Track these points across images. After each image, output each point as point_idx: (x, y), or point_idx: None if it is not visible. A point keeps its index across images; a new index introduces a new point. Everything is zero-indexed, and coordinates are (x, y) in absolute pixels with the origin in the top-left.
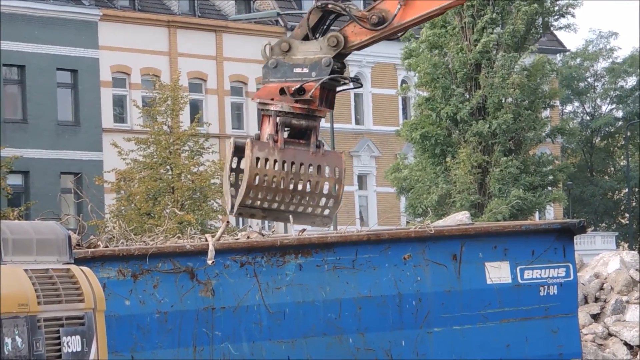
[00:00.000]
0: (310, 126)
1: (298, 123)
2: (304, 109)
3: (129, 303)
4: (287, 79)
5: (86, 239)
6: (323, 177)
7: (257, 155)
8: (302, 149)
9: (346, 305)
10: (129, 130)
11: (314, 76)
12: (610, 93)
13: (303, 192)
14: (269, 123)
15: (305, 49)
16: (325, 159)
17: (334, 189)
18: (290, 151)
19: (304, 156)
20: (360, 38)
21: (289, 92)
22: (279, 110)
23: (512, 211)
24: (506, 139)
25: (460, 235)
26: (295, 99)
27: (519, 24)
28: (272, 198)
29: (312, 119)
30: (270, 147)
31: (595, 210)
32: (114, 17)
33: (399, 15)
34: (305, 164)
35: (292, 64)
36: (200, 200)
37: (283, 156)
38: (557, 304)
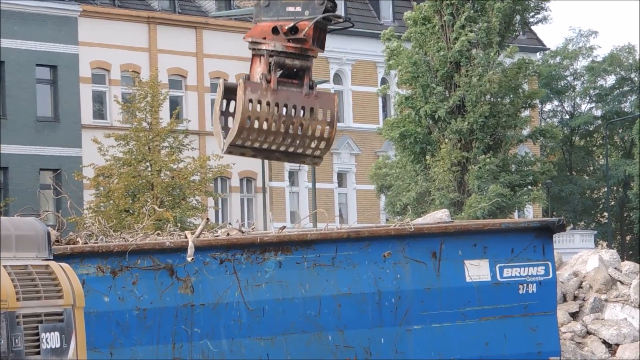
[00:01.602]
0: (304, 66)
1: (292, 63)
2: (297, 48)
3: (108, 300)
4: (279, 18)
5: (65, 236)
6: (316, 120)
7: (250, 96)
8: (295, 90)
9: (326, 303)
10: (109, 127)
11: (308, 15)
12: (590, 92)
13: (295, 134)
14: (259, 63)
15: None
16: (318, 101)
17: (326, 132)
18: (284, 92)
19: (297, 98)
20: None
21: (282, 30)
22: (271, 49)
23: (491, 209)
24: (485, 135)
25: (440, 233)
26: (288, 38)
27: (494, 21)
28: (264, 139)
29: (305, 59)
30: (264, 88)
31: (574, 209)
32: (93, 13)
33: None
34: (298, 106)
35: (284, 3)
36: (180, 197)
37: (276, 97)
38: (536, 302)
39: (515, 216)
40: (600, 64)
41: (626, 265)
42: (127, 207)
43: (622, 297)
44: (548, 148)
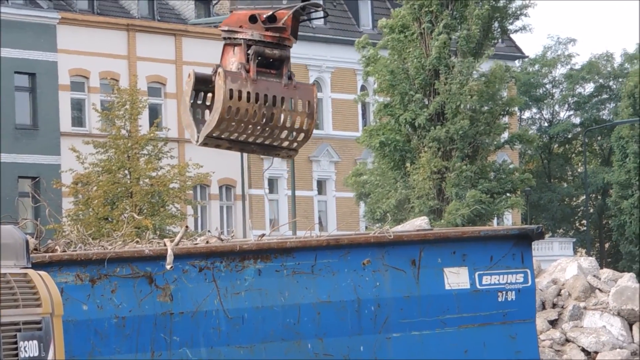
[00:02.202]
0: (282, 56)
1: (271, 52)
2: (275, 37)
3: (87, 308)
4: (256, 6)
5: (44, 244)
6: (295, 111)
7: (230, 86)
8: (274, 81)
9: (305, 311)
10: (88, 134)
11: (286, 3)
12: (568, 99)
13: (274, 125)
14: (234, 53)
15: None
16: (297, 92)
17: (305, 123)
18: (263, 83)
19: (276, 88)
20: None
21: (260, 19)
22: (249, 38)
23: (470, 216)
24: (464, 144)
25: (419, 240)
26: (266, 26)
27: (474, 29)
28: (243, 130)
29: (283, 48)
30: (243, 78)
31: (553, 217)
32: (72, 21)
33: None
34: (277, 97)
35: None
36: (159, 204)
37: (256, 88)
38: (515, 309)
39: (494, 224)
40: (579, 72)
41: (605, 273)
42: (105, 214)
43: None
44: (527, 156)
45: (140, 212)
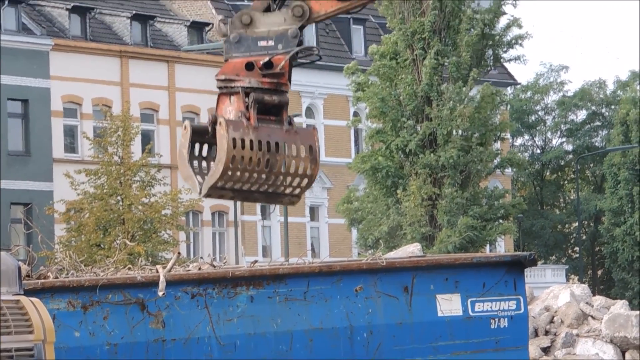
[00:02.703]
0: (282, 102)
1: (270, 99)
2: (273, 83)
3: (79, 335)
4: (252, 53)
5: (36, 270)
6: (298, 157)
7: (233, 135)
8: (275, 127)
9: (297, 337)
10: (80, 161)
11: (281, 49)
12: (561, 126)
13: (278, 172)
14: (230, 101)
15: (269, 21)
16: (299, 137)
17: (309, 168)
18: (265, 129)
19: (278, 134)
20: (325, 9)
21: (257, 65)
22: (247, 86)
23: (462, 243)
24: (456, 172)
25: (412, 267)
26: (263, 73)
27: (464, 55)
28: (247, 179)
29: (282, 93)
30: (245, 126)
31: (545, 243)
32: (65, 47)
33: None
34: (280, 143)
35: (255, 37)
36: (151, 231)
37: (258, 135)
38: (508, 336)
39: (486, 250)
40: (571, 99)
41: (597, 300)
42: (98, 241)
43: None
44: (519, 182)
45: (133, 238)
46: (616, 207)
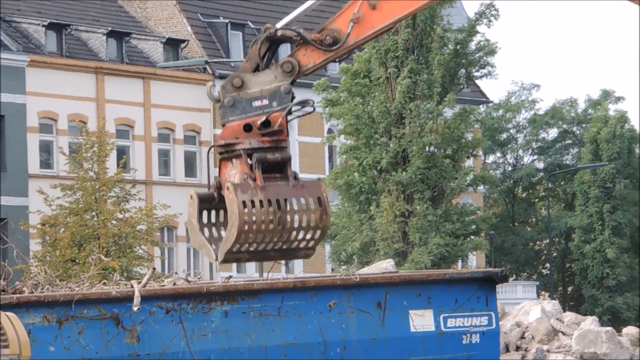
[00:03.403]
0: (284, 158)
1: (273, 157)
2: (273, 141)
3: (54, 349)
4: (248, 115)
5: (11, 285)
6: (308, 210)
7: (242, 198)
8: (281, 184)
9: (271, 352)
10: (56, 176)
11: (276, 106)
12: (532, 144)
13: (290, 228)
14: (233, 165)
15: (260, 80)
16: (306, 190)
17: (320, 220)
18: (272, 188)
19: (285, 191)
20: (313, 61)
21: (255, 126)
22: (248, 147)
23: (434, 260)
24: (425, 187)
25: (385, 283)
26: (262, 132)
27: (436, 74)
28: (261, 240)
29: (282, 150)
30: (252, 187)
31: (516, 260)
32: (41, 63)
33: (353, 33)
34: (289, 199)
35: (249, 98)
36: (126, 246)
37: (266, 194)
38: (480, 352)
39: (458, 266)
40: (543, 117)
41: (568, 316)
42: (73, 256)
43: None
44: (491, 199)
45: (108, 253)
46: (586, 225)
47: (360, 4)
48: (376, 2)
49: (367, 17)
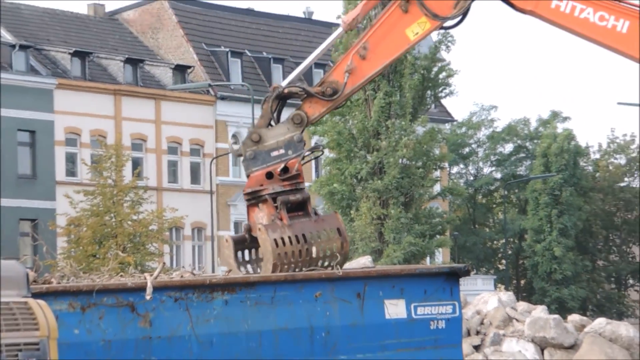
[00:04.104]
0: (304, 198)
1: (295, 198)
2: (292, 184)
3: (78, 332)
4: (268, 164)
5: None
6: (330, 240)
7: (273, 237)
8: (305, 220)
9: (265, 336)
10: (79, 183)
11: (292, 154)
12: (491, 157)
13: (317, 257)
14: (260, 208)
15: (275, 134)
16: (326, 223)
17: (341, 247)
18: (297, 225)
19: (309, 226)
20: (318, 110)
21: (276, 173)
22: (271, 192)
23: (406, 256)
24: (399, 194)
25: (364, 276)
26: (282, 178)
27: (408, 96)
28: (293, 270)
29: (302, 191)
30: (280, 226)
31: (477, 257)
32: (67, 86)
33: (348, 83)
34: (313, 232)
35: (268, 150)
36: (140, 244)
37: (293, 231)
38: (445, 336)
39: (427, 262)
40: (500, 134)
41: (521, 306)
42: (94, 252)
43: (517, 333)
44: (455, 205)
45: (124, 250)
46: (537, 227)
47: (352, 57)
48: (365, 53)
49: (358, 67)
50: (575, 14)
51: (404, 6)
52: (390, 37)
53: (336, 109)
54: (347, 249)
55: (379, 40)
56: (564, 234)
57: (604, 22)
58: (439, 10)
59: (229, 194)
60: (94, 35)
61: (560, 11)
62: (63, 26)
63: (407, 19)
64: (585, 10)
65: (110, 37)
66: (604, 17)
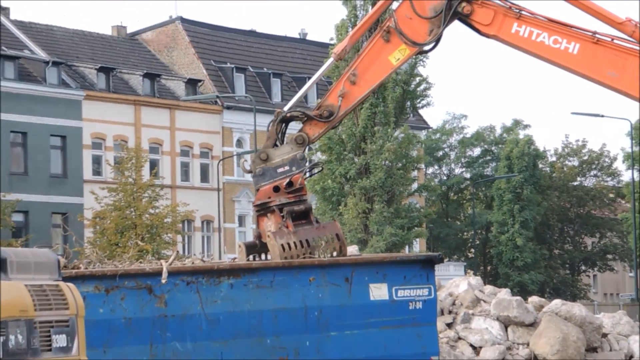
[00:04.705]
0: (307, 208)
1: (299, 208)
2: (297, 196)
3: (102, 311)
4: (275, 179)
5: (71, 262)
6: (331, 244)
7: (280, 242)
8: (308, 227)
9: (266, 315)
10: (104, 182)
11: (295, 170)
12: (461, 160)
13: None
14: (268, 218)
15: (280, 153)
16: (327, 230)
17: (340, 251)
18: (301, 231)
19: (311, 232)
20: (318, 131)
21: (282, 187)
22: (278, 203)
23: (387, 246)
24: (383, 192)
25: (352, 263)
26: (288, 191)
27: (390, 107)
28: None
29: (305, 202)
30: (287, 233)
31: (449, 246)
32: (94, 97)
33: (342, 105)
34: (315, 238)
35: (274, 167)
36: (156, 234)
37: (298, 237)
38: (422, 315)
39: (406, 251)
40: (469, 139)
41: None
42: (116, 241)
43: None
44: (430, 201)
45: (142, 239)
46: (501, 220)
47: (343, 83)
48: (355, 79)
49: (350, 91)
50: (532, 38)
51: (385, 36)
52: (375, 63)
53: (333, 128)
54: (345, 252)
55: (366, 67)
56: (525, 226)
57: (558, 44)
58: (416, 37)
59: (234, 191)
60: (117, 53)
61: (519, 35)
62: (90, 45)
63: (389, 47)
64: (541, 35)
65: (131, 54)
66: (558, 40)
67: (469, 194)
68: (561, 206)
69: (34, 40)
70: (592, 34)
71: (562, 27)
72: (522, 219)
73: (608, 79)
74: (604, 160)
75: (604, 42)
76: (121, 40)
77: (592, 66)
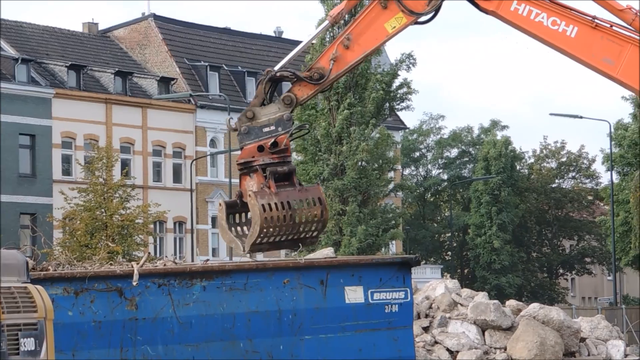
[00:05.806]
0: (290, 169)
1: (282, 169)
2: (280, 157)
3: (72, 314)
4: (260, 139)
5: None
6: (312, 208)
7: (261, 202)
8: (290, 189)
9: (239, 318)
10: (74, 181)
11: (281, 130)
12: (438, 160)
13: (299, 222)
14: (251, 177)
15: (267, 112)
16: (309, 193)
17: (321, 215)
18: (283, 193)
19: (293, 194)
20: (306, 93)
21: (266, 147)
22: (262, 163)
23: (362, 247)
24: (357, 193)
25: (327, 265)
26: (272, 151)
27: (369, 107)
28: (277, 233)
29: (288, 163)
30: (268, 193)
31: (426, 248)
32: (64, 95)
33: (334, 69)
34: (297, 200)
35: (260, 126)
36: (127, 235)
37: (280, 198)
38: (398, 318)
39: (382, 253)
40: (446, 140)
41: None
42: (86, 242)
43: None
44: (407, 202)
45: (113, 241)
46: (479, 222)
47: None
48: (348, 43)
49: (343, 55)
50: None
51: (383, 3)
52: (370, 29)
53: (322, 92)
54: (326, 217)
55: (361, 32)
56: (503, 228)
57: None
58: (414, 7)
59: (207, 191)
60: (88, 51)
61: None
62: (61, 42)
63: (386, 14)
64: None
65: (103, 52)
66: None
67: (446, 196)
68: (539, 208)
69: (3, 37)
70: (591, 18)
71: (562, 9)
72: (499, 221)
73: (602, 65)
74: (582, 162)
75: (603, 28)
76: (92, 37)
77: (588, 51)
